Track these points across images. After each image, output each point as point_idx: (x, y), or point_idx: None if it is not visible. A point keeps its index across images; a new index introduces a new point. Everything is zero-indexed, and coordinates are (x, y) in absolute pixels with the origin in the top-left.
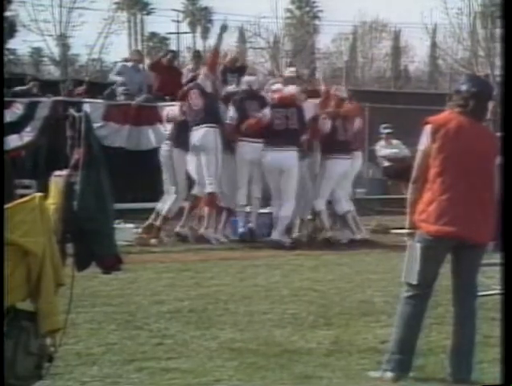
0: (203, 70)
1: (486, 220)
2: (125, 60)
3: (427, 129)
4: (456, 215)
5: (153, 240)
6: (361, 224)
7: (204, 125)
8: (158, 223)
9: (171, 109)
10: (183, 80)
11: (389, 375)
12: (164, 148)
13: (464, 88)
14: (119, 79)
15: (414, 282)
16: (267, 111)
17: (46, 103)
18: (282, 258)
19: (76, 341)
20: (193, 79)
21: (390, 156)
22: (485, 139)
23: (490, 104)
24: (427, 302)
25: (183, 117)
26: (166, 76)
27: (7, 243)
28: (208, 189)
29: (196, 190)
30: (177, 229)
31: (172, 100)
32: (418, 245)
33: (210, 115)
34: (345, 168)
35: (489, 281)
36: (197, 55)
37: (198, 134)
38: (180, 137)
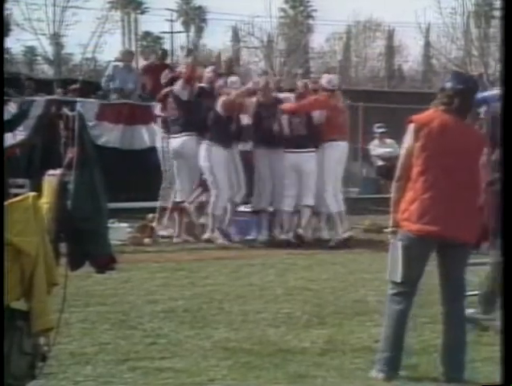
0: (179, 81)
1: (469, 219)
2: (117, 60)
3: (411, 127)
4: (438, 214)
5: (147, 240)
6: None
7: (182, 134)
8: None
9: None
10: (162, 80)
11: (380, 373)
12: (160, 135)
13: (448, 85)
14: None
15: (398, 280)
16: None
17: (40, 102)
18: (276, 257)
19: (69, 340)
20: (172, 79)
21: (383, 155)
22: (469, 137)
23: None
24: (412, 299)
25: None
26: (159, 75)
27: (7, 243)
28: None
29: (179, 198)
30: (174, 240)
31: None
32: (399, 244)
33: (188, 124)
34: (293, 162)
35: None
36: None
37: (177, 143)
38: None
